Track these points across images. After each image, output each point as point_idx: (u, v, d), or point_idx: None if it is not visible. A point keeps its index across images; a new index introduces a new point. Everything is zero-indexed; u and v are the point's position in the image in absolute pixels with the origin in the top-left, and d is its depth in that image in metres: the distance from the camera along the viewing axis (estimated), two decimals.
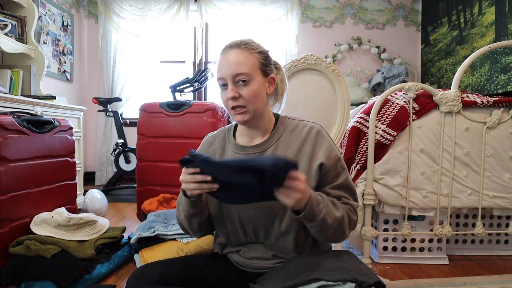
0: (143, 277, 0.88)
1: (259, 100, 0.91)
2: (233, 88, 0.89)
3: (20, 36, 2.66)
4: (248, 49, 0.91)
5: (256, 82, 0.90)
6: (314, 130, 0.94)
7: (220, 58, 0.93)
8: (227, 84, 0.90)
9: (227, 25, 3.95)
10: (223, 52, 0.93)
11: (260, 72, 0.92)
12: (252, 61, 0.90)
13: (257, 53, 0.92)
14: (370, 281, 0.74)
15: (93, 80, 4.07)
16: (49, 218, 1.57)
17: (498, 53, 2.61)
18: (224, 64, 0.91)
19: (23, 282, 1.39)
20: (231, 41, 0.94)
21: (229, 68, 0.89)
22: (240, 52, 0.90)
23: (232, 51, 0.91)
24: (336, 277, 0.75)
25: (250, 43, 0.93)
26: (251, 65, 0.90)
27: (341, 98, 1.59)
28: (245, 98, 0.89)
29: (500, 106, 1.70)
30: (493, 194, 1.70)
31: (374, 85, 3.73)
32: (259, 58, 0.92)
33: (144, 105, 2.32)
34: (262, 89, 0.92)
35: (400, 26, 4.17)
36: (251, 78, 0.89)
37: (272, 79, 0.96)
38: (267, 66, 0.94)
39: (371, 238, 1.65)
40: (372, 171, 1.66)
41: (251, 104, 0.90)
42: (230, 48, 0.92)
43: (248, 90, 0.89)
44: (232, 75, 0.89)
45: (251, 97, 0.90)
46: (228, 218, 0.95)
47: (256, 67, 0.91)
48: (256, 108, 0.91)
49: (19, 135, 1.58)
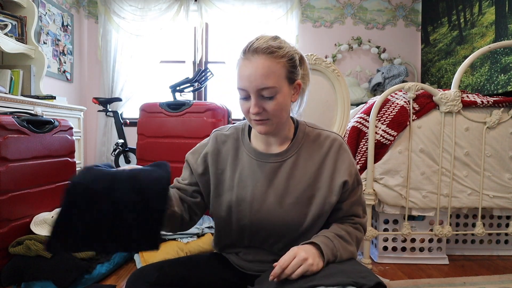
0: (142, 278, 0.88)
1: (284, 112, 0.84)
2: (256, 103, 0.80)
3: (20, 36, 2.66)
4: (276, 57, 0.79)
5: (283, 95, 0.81)
6: (336, 143, 0.89)
7: (240, 63, 0.81)
8: (249, 95, 0.80)
9: (227, 25, 3.95)
10: (245, 57, 0.80)
11: (286, 81, 0.82)
12: (279, 72, 0.79)
13: (286, 60, 0.80)
14: (370, 283, 0.72)
15: (93, 80, 4.07)
16: (49, 218, 1.57)
17: (498, 53, 2.61)
18: (247, 74, 0.78)
19: (23, 282, 1.39)
20: (255, 42, 0.80)
21: (253, 81, 0.78)
22: (267, 61, 0.78)
23: (257, 58, 0.78)
24: (336, 281, 0.73)
25: (277, 48, 0.79)
26: (278, 76, 0.79)
27: (341, 98, 1.59)
28: (269, 112, 0.81)
29: (500, 106, 1.70)
30: (493, 194, 1.70)
31: (374, 85, 3.73)
32: (287, 66, 0.81)
33: (144, 105, 2.32)
34: (288, 99, 0.84)
35: (400, 26, 4.17)
36: (277, 91, 0.80)
37: (298, 85, 0.87)
38: (293, 72, 0.84)
39: (371, 238, 1.65)
40: (372, 171, 1.66)
41: (275, 117, 0.82)
42: (254, 54, 0.78)
43: (273, 104, 0.80)
44: (257, 88, 0.78)
45: (277, 111, 0.81)
46: (238, 227, 0.92)
47: (283, 77, 0.80)
48: (280, 120, 0.85)
49: (19, 135, 1.58)
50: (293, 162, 0.89)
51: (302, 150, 0.90)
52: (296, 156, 0.90)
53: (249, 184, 0.90)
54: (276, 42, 0.81)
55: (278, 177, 0.89)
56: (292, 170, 0.89)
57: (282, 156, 0.90)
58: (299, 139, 0.91)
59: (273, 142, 0.92)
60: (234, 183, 0.91)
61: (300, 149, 0.90)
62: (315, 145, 0.90)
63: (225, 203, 0.92)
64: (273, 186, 0.88)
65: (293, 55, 0.83)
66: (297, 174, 0.88)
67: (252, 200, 0.89)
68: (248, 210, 0.89)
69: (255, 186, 0.89)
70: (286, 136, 0.92)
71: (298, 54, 0.87)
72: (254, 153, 0.92)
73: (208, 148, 0.96)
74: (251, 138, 0.95)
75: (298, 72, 0.86)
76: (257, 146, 0.93)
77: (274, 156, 0.90)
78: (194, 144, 1.03)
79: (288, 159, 0.90)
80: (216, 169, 0.94)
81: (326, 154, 0.89)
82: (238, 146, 0.94)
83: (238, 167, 0.92)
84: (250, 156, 0.92)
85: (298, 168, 0.89)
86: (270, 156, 0.90)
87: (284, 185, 0.88)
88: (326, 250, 0.79)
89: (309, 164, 0.89)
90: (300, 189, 0.87)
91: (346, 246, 0.84)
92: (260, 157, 0.91)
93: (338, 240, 0.84)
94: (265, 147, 0.92)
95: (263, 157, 0.91)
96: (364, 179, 1.68)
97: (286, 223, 0.87)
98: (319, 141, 0.91)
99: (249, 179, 0.90)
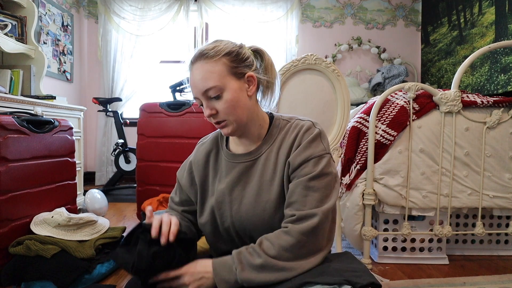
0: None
1: (238, 108, 0.83)
2: (208, 105, 0.83)
3: (20, 36, 2.66)
4: (211, 57, 0.81)
5: (230, 91, 0.82)
6: (303, 129, 0.87)
7: (189, 75, 0.86)
8: (202, 102, 0.85)
9: (227, 25, 3.96)
10: (189, 69, 0.85)
11: (232, 77, 0.83)
12: (218, 69, 0.81)
13: (223, 57, 0.82)
14: (363, 282, 0.71)
15: (93, 80, 4.07)
16: (49, 218, 1.57)
17: (498, 53, 2.62)
18: (193, 83, 0.84)
19: (23, 282, 1.39)
20: (195, 52, 0.85)
21: (197, 86, 0.82)
22: (203, 64, 0.82)
23: (196, 66, 0.83)
24: (330, 279, 0.71)
25: (211, 49, 0.82)
26: (218, 74, 0.81)
27: (341, 98, 1.59)
28: (222, 112, 0.83)
29: (500, 106, 1.70)
30: (493, 194, 1.70)
31: (374, 85, 3.73)
32: (226, 62, 0.82)
33: (144, 105, 2.32)
34: (240, 94, 0.84)
35: (400, 26, 4.17)
36: (222, 89, 0.81)
37: (251, 77, 0.86)
38: (238, 67, 0.84)
39: (371, 238, 1.65)
40: (372, 171, 1.66)
41: (230, 115, 0.83)
42: (193, 64, 0.84)
43: (222, 103, 0.82)
44: (201, 92, 0.82)
45: (228, 108, 0.82)
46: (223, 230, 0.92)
47: (225, 74, 0.82)
48: (238, 118, 0.84)
49: (19, 135, 1.58)
50: (265, 159, 0.89)
51: (274, 146, 0.89)
52: (268, 152, 0.89)
53: (227, 187, 0.90)
54: (211, 44, 0.84)
55: (252, 175, 0.89)
56: (264, 167, 0.88)
57: (253, 154, 0.90)
58: (273, 135, 0.90)
59: (246, 143, 0.92)
60: (215, 188, 0.92)
61: (273, 144, 0.89)
62: (285, 138, 0.89)
63: (208, 208, 0.92)
64: (248, 187, 0.89)
65: (232, 50, 0.84)
66: (269, 171, 0.88)
67: (231, 202, 0.89)
68: (228, 211, 0.90)
69: (231, 188, 0.90)
70: (258, 134, 0.91)
71: (242, 48, 0.86)
72: (229, 156, 0.93)
73: (191, 158, 1.00)
74: (229, 142, 0.97)
75: (247, 64, 0.85)
76: (233, 148, 0.94)
77: (246, 156, 0.91)
78: (194, 144, 1.04)
79: (259, 156, 0.89)
80: (200, 177, 0.96)
81: (293, 141, 0.86)
82: (217, 151, 0.97)
83: (218, 172, 0.94)
84: (226, 159, 0.93)
85: (270, 164, 0.88)
86: (242, 156, 0.91)
87: (257, 183, 0.88)
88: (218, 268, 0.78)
89: (279, 157, 0.87)
90: (273, 185, 0.86)
91: (248, 260, 0.77)
92: (233, 158, 0.92)
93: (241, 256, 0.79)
94: (240, 148, 0.93)
95: (235, 158, 0.92)
96: (364, 179, 1.69)
97: (265, 220, 0.86)
98: (290, 131, 0.89)
99: (226, 182, 0.91)
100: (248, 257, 0.78)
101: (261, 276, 0.75)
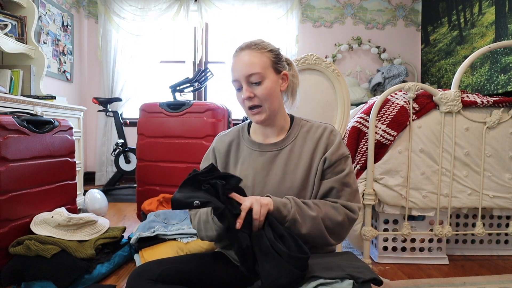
0: (143, 275, 0.88)
1: (273, 97, 0.95)
2: (247, 89, 0.93)
3: (20, 36, 2.66)
4: (259, 49, 0.94)
5: (270, 81, 0.94)
6: (328, 129, 0.99)
7: (232, 61, 0.97)
8: (241, 86, 0.94)
9: (227, 25, 3.95)
10: (235, 55, 0.96)
11: (272, 70, 0.95)
12: (263, 60, 0.93)
13: (268, 52, 0.95)
14: (365, 277, 0.75)
15: (93, 80, 4.07)
16: (49, 218, 1.57)
17: (498, 53, 2.61)
18: (237, 66, 0.94)
19: (23, 282, 1.39)
20: (242, 43, 0.97)
21: (242, 70, 0.92)
22: (251, 52, 0.93)
23: (244, 52, 0.94)
24: (333, 274, 0.76)
25: (259, 43, 0.95)
26: (263, 64, 0.93)
27: (341, 98, 1.59)
28: (260, 97, 0.93)
29: (500, 106, 1.70)
30: (493, 194, 1.70)
31: (374, 85, 3.73)
32: (270, 57, 0.95)
33: (144, 105, 2.32)
34: (276, 86, 0.96)
35: (400, 26, 4.17)
36: (264, 77, 0.93)
37: (285, 75, 0.99)
38: (278, 63, 0.97)
39: (371, 238, 1.65)
40: (372, 171, 1.66)
41: (266, 102, 0.94)
42: (241, 50, 0.95)
43: (262, 89, 0.93)
44: (245, 75, 0.92)
45: (266, 95, 0.93)
46: None
47: (268, 66, 0.94)
48: (272, 105, 0.95)
49: (19, 135, 1.58)
50: (290, 150, 0.98)
51: (298, 140, 1.00)
52: (292, 145, 0.99)
53: (250, 172, 0.98)
54: (258, 40, 0.97)
55: (276, 164, 0.98)
56: (288, 158, 0.98)
57: (279, 145, 1.00)
58: (295, 130, 1.01)
59: (270, 134, 1.02)
60: (237, 174, 0.98)
61: (296, 139, 1.00)
62: (309, 135, 1.00)
63: None
64: (272, 173, 0.97)
65: (275, 49, 0.98)
66: (293, 161, 0.97)
67: (253, 186, 0.97)
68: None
69: (255, 174, 0.98)
70: (283, 127, 1.02)
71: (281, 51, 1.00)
72: (253, 145, 1.02)
73: (213, 145, 1.08)
74: (251, 133, 1.06)
75: (283, 64, 0.99)
76: (256, 139, 1.03)
77: (272, 146, 1.00)
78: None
79: (285, 147, 0.99)
80: (221, 163, 1.04)
81: (318, 139, 0.98)
82: (239, 141, 1.05)
83: (240, 160, 1.02)
84: (250, 148, 1.02)
85: (294, 155, 0.98)
86: (268, 145, 1.00)
87: (282, 171, 0.96)
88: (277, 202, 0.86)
89: (304, 151, 0.98)
90: (296, 174, 0.95)
91: (304, 209, 0.88)
92: (259, 147, 1.01)
93: (296, 202, 0.89)
94: (264, 138, 1.02)
95: (262, 147, 1.01)
96: (364, 179, 1.68)
97: None
98: (312, 130, 1.00)
99: (250, 168, 0.99)
100: (303, 206, 0.89)
101: (306, 225, 0.86)
